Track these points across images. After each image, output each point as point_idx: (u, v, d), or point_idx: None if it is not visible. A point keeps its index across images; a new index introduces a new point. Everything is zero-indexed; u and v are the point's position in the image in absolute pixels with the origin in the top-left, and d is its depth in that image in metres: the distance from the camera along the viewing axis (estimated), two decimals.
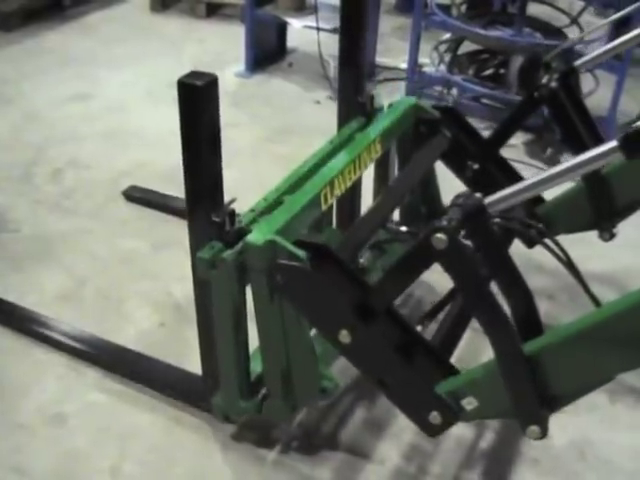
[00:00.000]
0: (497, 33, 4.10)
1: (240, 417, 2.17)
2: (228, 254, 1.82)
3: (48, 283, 2.82)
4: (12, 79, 4.50)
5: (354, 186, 2.27)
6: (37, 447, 2.16)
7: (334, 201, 2.15)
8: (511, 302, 1.85)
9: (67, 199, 3.36)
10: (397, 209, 2.52)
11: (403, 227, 2.57)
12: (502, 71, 4.23)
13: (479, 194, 1.67)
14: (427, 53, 4.38)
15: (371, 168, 2.40)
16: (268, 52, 4.92)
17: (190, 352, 2.29)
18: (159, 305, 2.73)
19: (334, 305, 1.79)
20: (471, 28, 4.02)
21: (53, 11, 5.46)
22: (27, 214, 3.24)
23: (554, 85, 2.41)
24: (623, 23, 3.37)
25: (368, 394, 2.33)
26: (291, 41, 5.09)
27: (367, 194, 2.63)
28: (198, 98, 1.71)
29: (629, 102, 4.24)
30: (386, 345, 1.78)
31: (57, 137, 3.87)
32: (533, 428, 1.69)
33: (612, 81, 3.86)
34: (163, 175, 3.46)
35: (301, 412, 2.24)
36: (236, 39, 4.88)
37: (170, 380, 2.35)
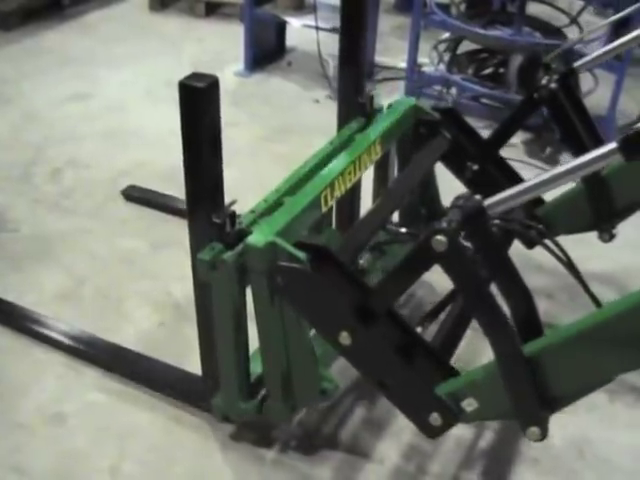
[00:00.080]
0: (496, 32, 4.10)
1: (240, 417, 2.17)
2: (228, 255, 1.82)
3: (47, 283, 2.82)
4: (11, 78, 4.50)
5: (354, 187, 2.28)
6: (36, 446, 2.16)
7: (334, 202, 2.15)
8: (511, 303, 1.85)
9: (66, 199, 3.36)
10: (397, 210, 2.52)
11: (403, 228, 2.57)
12: (501, 70, 4.22)
13: (479, 196, 1.67)
14: (426, 52, 4.37)
15: (370, 169, 2.40)
16: (267, 51, 4.91)
17: (189, 352, 2.29)
18: (159, 305, 2.73)
19: (334, 307, 1.79)
20: (470, 27, 4.03)
21: (52, 10, 5.46)
22: (26, 214, 3.24)
23: (554, 86, 2.41)
24: (622, 23, 3.37)
25: (368, 394, 2.33)
26: (290, 40, 5.09)
27: (367, 195, 2.63)
28: (199, 100, 1.71)
29: (628, 102, 4.25)
30: (386, 347, 1.79)
31: (56, 137, 3.86)
32: (533, 429, 1.69)
33: (611, 80, 3.86)
34: (162, 175, 3.46)
35: (301, 412, 2.24)
36: (235, 38, 4.88)
37: (170, 380, 2.35)
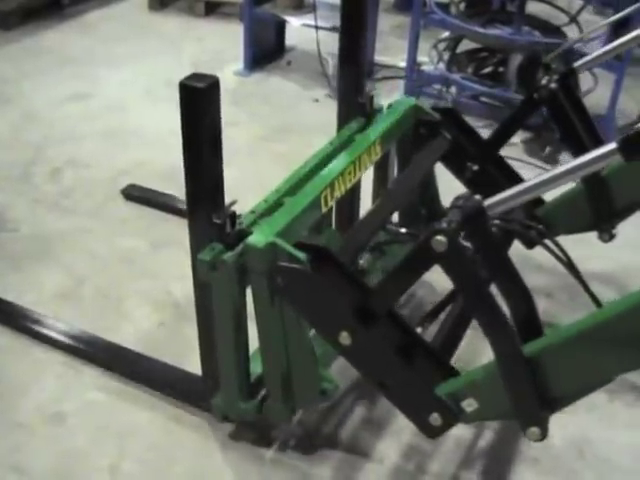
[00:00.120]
0: (496, 31, 4.10)
1: (240, 418, 2.17)
2: (229, 256, 1.82)
3: (47, 282, 2.82)
4: (11, 78, 4.50)
5: (353, 188, 2.28)
6: (36, 446, 2.16)
7: (334, 203, 2.15)
8: (511, 303, 1.85)
9: (66, 198, 3.36)
10: (397, 211, 2.52)
11: (402, 229, 2.57)
12: (501, 69, 4.23)
13: (479, 196, 1.67)
14: (426, 51, 4.37)
15: (370, 169, 2.40)
16: (267, 50, 4.91)
17: (189, 351, 2.29)
18: (158, 304, 2.73)
19: (334, 307, 1.79)
20: (470, 26, 4.02)
21: (52, 10, 5.46)
22: (26, 213, 3.24)
23: (554, 86, 2.41)
24: (622, 23, 3.37)
25: (367, 393, 2.33)
26: (290, 39, 5.09)
27: (366, 196, 2.64)
28: (199, 100, 1.71)
29: (628, 101, 4.25)
30: (386, 347, 1.79)
31: (56, 136, 3.86)
32: (533, 429, 1.69)
33: (611, 80, 3.86)
34: (162, 174, 3.46)
35: (300, 412, 2.25)
36: (235, 38, 4.89)
37: (169, 380, 2.35)
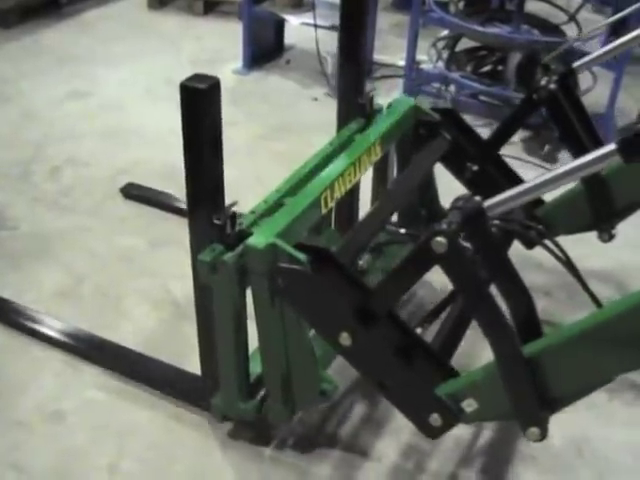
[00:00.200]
0: (495, 30, 4.10)
1: (240, 418, 2.17)
2: (229, 257, 1.82)
3: (46, 280, 2.82)
4: (10, 77, 4.49)
5: (353, 188, 2.28)
6: (35, 444, 2.17)
7: (334, 203, 2.15)
8: (510, 304, 1.86)
9: (65, 197, 3.36)
10: (396, 211, 2.52)
11: (402, 229, 2.58)
12: (500, 68, 4.23)
13: (478, 197, 1.68)
14: (425, 50, 4.37)
15: (370, 170, 2.40)
16: (266, 49, 4.91)
17: (188, 350, 2.28)
18: (158, 303, 2.73)
19: (335, 308, 1.79)
20: (469, 25, 4.02)
21: (50, 8, 5.45)
22: (25, 212, 3.24)
23: (553, 87, 2.41)
24: (621, 22, 3.37)
25: (367, 393, 2.34)
26: (288, 38, 5.09)
27: (366, 196, 2.64)
28: (200, 101, 1.71)
29: (627, 100, 4.26)
30: (386, 348, 1.79)
31: (55, 135, 3.86)
32: (533, 430, 1.70)
33: (610, 78, 3.87)
34: (161, 173, 3.46)
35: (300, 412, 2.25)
36: (234, 36, 4.88)
37: (169, 379, 2.35)
